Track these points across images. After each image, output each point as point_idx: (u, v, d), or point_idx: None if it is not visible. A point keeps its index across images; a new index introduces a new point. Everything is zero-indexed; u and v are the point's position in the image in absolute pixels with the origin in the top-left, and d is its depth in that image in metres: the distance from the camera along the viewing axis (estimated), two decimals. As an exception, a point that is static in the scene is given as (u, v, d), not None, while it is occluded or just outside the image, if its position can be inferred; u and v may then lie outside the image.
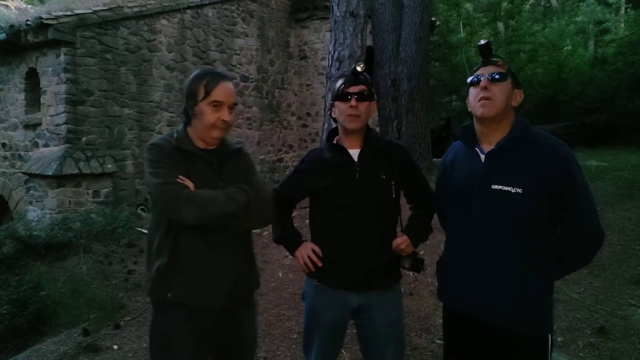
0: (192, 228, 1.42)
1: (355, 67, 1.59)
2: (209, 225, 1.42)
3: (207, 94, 1.47)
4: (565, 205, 1.36)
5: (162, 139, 1.53)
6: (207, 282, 1.49)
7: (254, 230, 1.73)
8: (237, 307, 1.59)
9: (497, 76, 1.41)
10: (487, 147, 1.46)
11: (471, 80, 1.47)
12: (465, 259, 1.48)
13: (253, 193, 1.50)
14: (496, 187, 1.40)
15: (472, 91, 1.46)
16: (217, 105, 1.48)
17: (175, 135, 1.52)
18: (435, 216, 1.77)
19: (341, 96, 1.61)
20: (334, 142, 1.71)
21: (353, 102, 1.58)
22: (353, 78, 1.60)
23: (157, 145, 1.49)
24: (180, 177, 1.42)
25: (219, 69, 6.87)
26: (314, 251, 1.68)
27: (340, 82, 1.63)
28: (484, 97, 1.41)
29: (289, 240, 1.80)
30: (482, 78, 1.42)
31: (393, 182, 1.64)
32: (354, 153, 1.65)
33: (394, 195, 1.65)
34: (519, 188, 1.36)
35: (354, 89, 1.59)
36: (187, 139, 1.52)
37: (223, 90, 1.49)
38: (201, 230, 1.44)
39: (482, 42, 1.44)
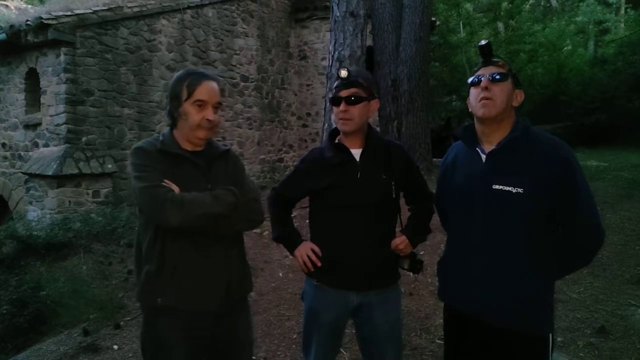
0: (180, 231, 1.40)
1: (339, 73, 1.60)
2: (197, 228, 1.40)
3: (190, 94, 1.46)
4: (565, 205, 1.36)
5: (146, 142, 1.51)
6: (198, 286, 1.46)
7: (254, 230, 1.73)
8: (232, 310, 1.57)
9: (497, 76, 1.40)
10: (488, 147, 1.46)
11: (472, 81, 1.46)
12: (466, 258, 1.48)
13: (241, 194, 1.49)
14: (497, 187, 1.40)
15: (473, 91, 1.46)
16: (200, 104, 1.47)
17: (161, 138, 1.51)
18: (435, 216, 1.77)
19: (332, 100, 1.63)
20: (336, 141, 1.71)
21: (342, 107, 1.59)
22: (342, 82, 1.60)
23: (142, 149, 1.47)
24: (166, 180, 1.40)
25: (208, 68, 6.88)
26: (313, 251, 1.68)
27: (335, 84, 1.65)
28: (484, 97, 1.41)
29: (289, 239, 1.80)
30: (482, 78, 1.42)
31: (393, 182, 1.64)
32: (356, 153, 1.65)
33: (394, 195, 1.65)
34: (520, 188, 1.36)
35: (344, 92, 1.59)
36: (173, 141, 1.51)
37: (206, 90, 1.48)
38: (190, 233, 1.42)
39: (483, 42, 1.44)
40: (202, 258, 1.47)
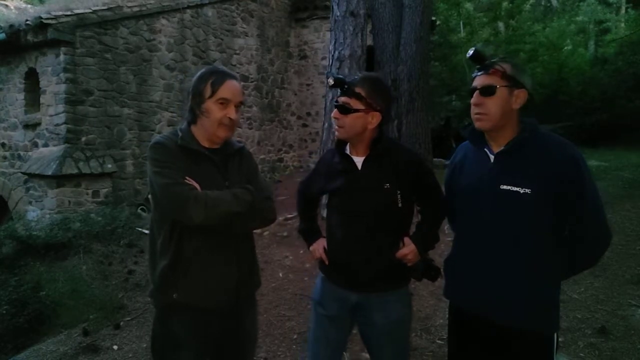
0: (196, 228, 1.41)
1: (327, 80, 1.59)
2: (214, 226, 1.42)
3: (214, 92, 1.48)
4: (572, 206, 1.36)
5: (165, 137, 1.51)
6: (211, 282, 1.48)
7: (255, 230, 1.73)
8: (240, 307, 1.59)
9: (486, 91, 1.40)
10: (496, 148, 1.46)
11: (469, 92, 1.47)
12: (474, 258, 1.48)
13: (257, 193, 1.51)
14: (505, 187, 1.40)
15: (471, 102, 1.47)
16: (223, 102, 1.49)
17: (180, 134, 1.51)
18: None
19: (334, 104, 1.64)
20: (347, 146, 1.70)
21: (335, 114, 1.59)
22: (342, 89, 1.59)
23: (162, 145, 1.47)
24: (187, 178, 1.41)
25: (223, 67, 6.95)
26: (324, 248, 1.73)
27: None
28: (477, 112, 1.43)
29: (307, 234, 1.86)
30: (475, 90, 1.43)
31: (399, 191, 1.59)
32: (358, 161, 1.64)
33: (400, 205, 1.59)
34: (528, 188, 1.36)
35: (340, 99, 1.60)
36: (192, 138, 1.51)
37: (229, 88, 1.50)
38: (205, 231, 1.43)
39: (470, 52, 1.42)
40: (215, 255, 1.49)
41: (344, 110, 1.57)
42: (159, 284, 1.48)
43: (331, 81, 1.58)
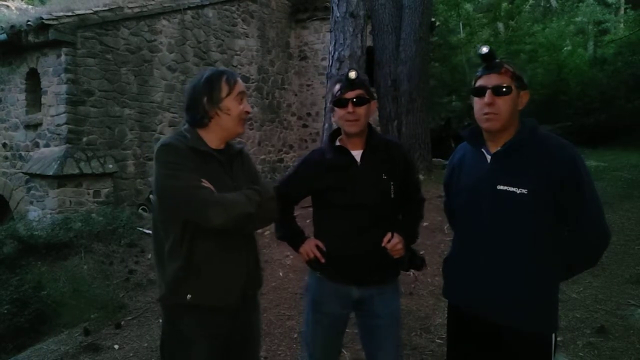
0: (210, 230, 1.41)
1: (348, 74, 1.61)
2: (229, 227, 1.42)
3: (232, 88, 1.50)
4: (571, 206, 1.36)
5: (174, 139, 1.49)
6: (222, 283, 1.50)
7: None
8: (247, 307, 1.61)
9: (501, 90, 1.37)
10: (494, 148, 1.46)
11: (475, 91, 1.43)
12: (472, 258, 1.49)
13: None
14: (502, 187, 1.40)
15: (477, 102, 1.43)
16: (242, 96, 1.53)
17: (188, 135, 1.51)
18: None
19: (338, 102, 1.64)
20: (337, 142, 1.74)
21: (350, 108, 1.61)
22: (348, 83, 1.61)
23: (172, 146, 1.45)
24: (203, 180, 1.41)
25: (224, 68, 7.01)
26: (317, 246, 1.71)
27: (337, 87, 1.65)
28: (489, 112, 1.39)
29: (293, 237, 1.83)
30: (486, 90, 1.39)
31: (392, 183, 1.66)
32: (357, 154, 1.67)
33: (392, 196, 1.66)
34: (524, 189, 1.36)
35: (350, 94, 1.61)
36: (200, 139, 1.52)
37: (241, 83, 1.55)
38: (216, 232, 1.43)
39: (484, 49, 1.39)
40: (226, 256, 1.50)
41: (360, 102, 1.61)
42: (171, 286, 1.47)
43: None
